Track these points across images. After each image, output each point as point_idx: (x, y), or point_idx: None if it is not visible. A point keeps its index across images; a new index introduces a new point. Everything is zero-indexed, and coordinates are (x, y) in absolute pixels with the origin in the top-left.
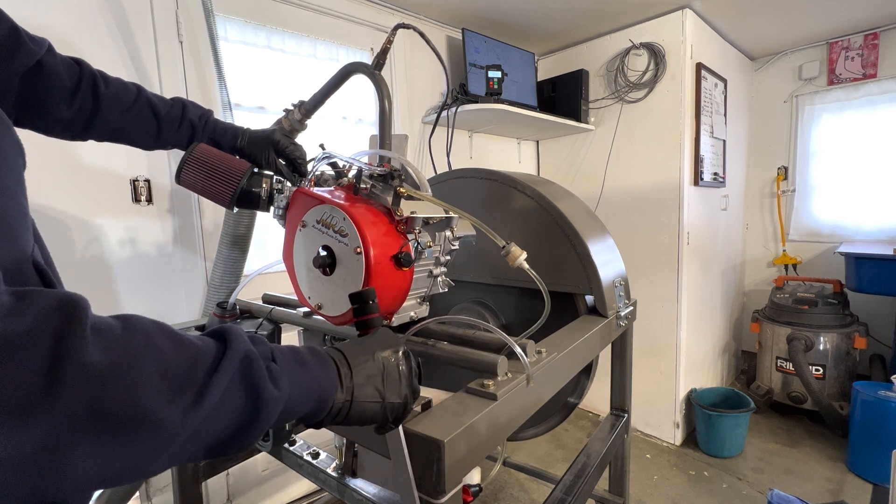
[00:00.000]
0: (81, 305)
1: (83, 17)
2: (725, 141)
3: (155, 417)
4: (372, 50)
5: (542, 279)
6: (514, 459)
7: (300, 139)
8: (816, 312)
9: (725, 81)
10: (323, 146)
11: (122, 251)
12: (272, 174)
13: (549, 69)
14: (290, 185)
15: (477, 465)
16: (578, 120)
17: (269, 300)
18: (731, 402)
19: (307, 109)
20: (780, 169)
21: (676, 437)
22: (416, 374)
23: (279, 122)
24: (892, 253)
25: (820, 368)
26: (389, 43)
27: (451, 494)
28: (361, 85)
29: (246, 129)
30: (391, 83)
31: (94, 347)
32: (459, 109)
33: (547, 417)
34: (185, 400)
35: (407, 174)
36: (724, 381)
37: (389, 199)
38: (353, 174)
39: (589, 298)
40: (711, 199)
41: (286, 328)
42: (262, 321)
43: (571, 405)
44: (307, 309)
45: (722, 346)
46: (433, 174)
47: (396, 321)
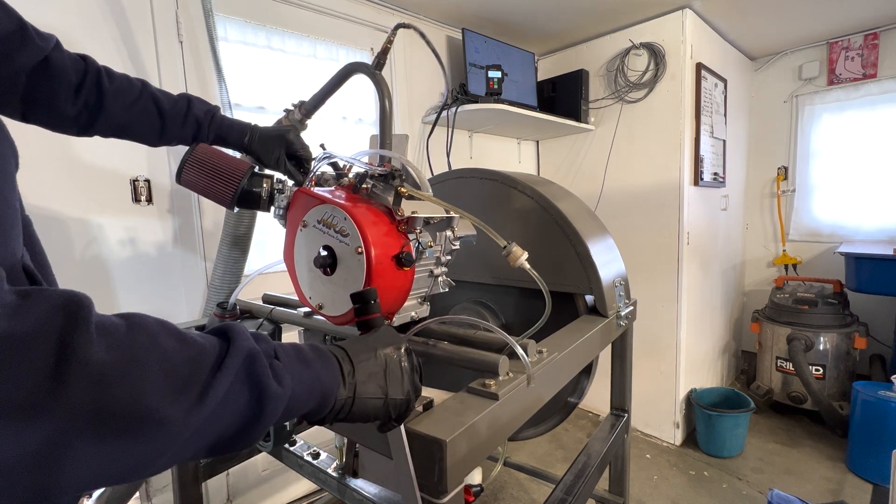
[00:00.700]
0: (85, 304)
1: (83, 17)
2: (725, 141)
3: (159, 416)
4: (372, 50)
5: (542, 279)
6: (514, 459)
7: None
8: (816, 312)
9: (725, 81)
10: (324, 146)
11: (121, 251)
12: (273, 174)
13: (549, 69)
14: (291, 184)
15: (478, 464)
16: (578, 120)
17: (269, 300)
18: (731, 402)
19: (307, 109)
20: (780, 169)
21: (676, 437)
22: (418, 371)
23: (279, 121)
24: (892, 253)
25: (820, 368)
26: (390, 43)
27: (452, 494)
28: (361, 85)
29: (254, 125)
30: (391, 83)
31: (98, 346)
32: (459, 109)
33: (547, 417)
34: (188, 398)
35: (407, 174)
36: (724, 381)
37: (390, 199)
38: (353, 174)
39: (589, 298)
40: (711, 199)
41: (286, 328)
42: (262, 321)
43: (571, 405)
44: (308, 309)
45: (722, 346)
46: (430, 174)
47: (397, 321)
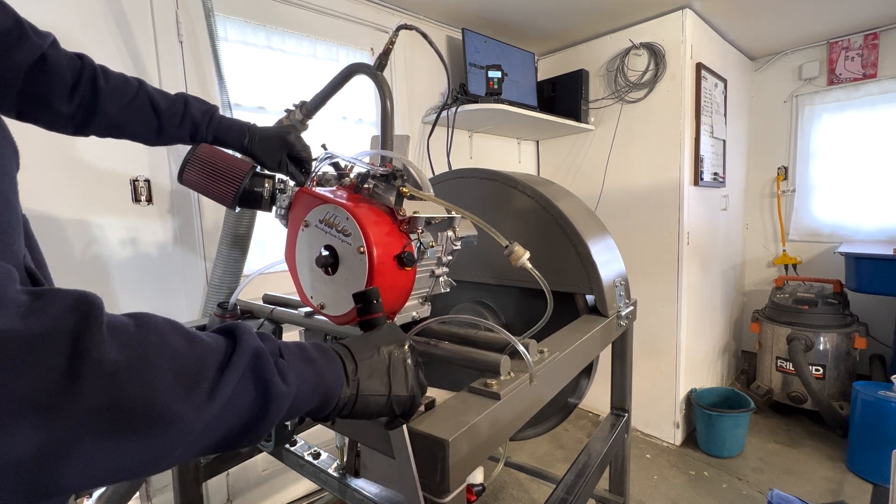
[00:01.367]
0: (97, 304)
1: (83, 16)
2: (725, 141)
3: (170, 413)
4: (372, 50)
5: (544, 279)
6: (514, 459)
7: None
8: (816, 312)
9: (725, 81)
10: (325, 146)
11: (122, 251)
12: (274, 174)
13: (549, 69)
14: (292, 184)
15: (480, 464)
16: (578, 120)
17: (269, 300)
18: (731, 402)
19: (308, 110)
20: (780, 169)
21: (676, 437)
22: (422, 368)
23: (280, 121)
24: (892, 253)
25: (820, 368)
26: (392, 44)
27: (454, 494)
28: (362, 85)
29: (253, 126)
30: (391, 83)
31: (110, 345)
32: (459, 109)
33: (547, 417)
34: (198, 395)
35: (409, 174)
36: (724, 381)
37: (392, 198)
38: (355, 174)
39: (589, 298)
40: (711, 199)
41: (287, 328)
42: (263, 321)
43: (572, 405)
44: (309, 309)
45: (722, 346)
46: (431, 174)
47: (399, 321)
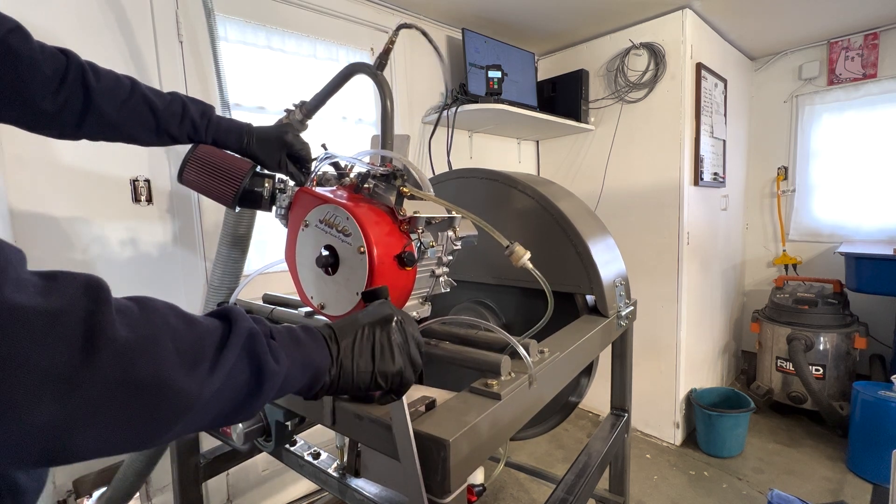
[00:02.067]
0: (105, 287)
1: (83, 16)
2: (725, 141)
3: (176, 387)
4: (372, 50)
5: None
6: (514, 459)
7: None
8: (816, 312)
9: (725, 81)
10: (325, 146)
11: (122, 251)
12: (274, 174)
13: (549, 69)
14: (292, 184)
15: (481, 464)
16: (578, 120)
17: (269, 300)
18: (731, 402)
19: (308, 109)
20: (780, 169)
21: (676, 437)
22: (417, 343)
23: (280, 121)
24: (892, 253)
25: (820, 368)
26: (392, 43)
27: (455, 494)
28: (361, 85)
29: (251, 126)
30: (391, 83)
31: (120, 325)
32: (459, 109)
33: (547, 417)
34: (200, 372)
35: (409, 174)
36: (724, 381)
37: (392, 198)
38: (355, 174)
39: (589, 298)
40: (711, 199)
41: None
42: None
43: (572, 405)
44: (309, 309)
45: (722, 346)
46: (432, 174)
47: None
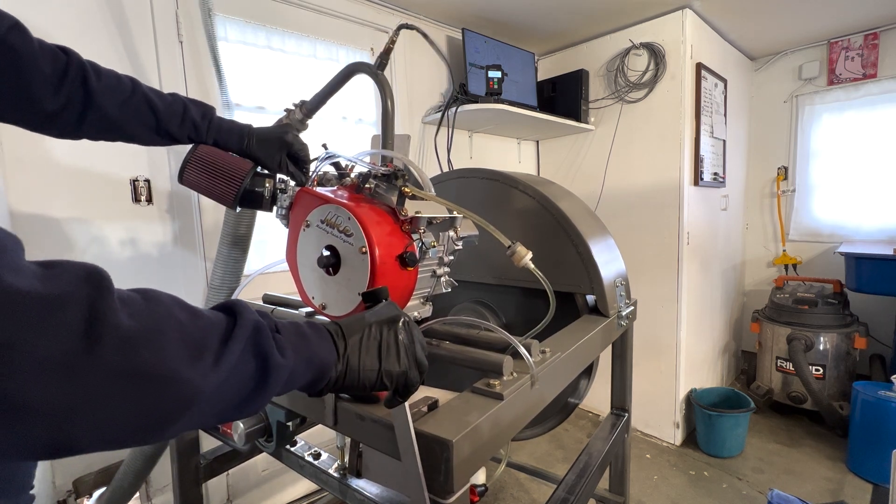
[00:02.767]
0: (106, 276)
1: (82, 16)
2: (725, 141)
3: (180, 378)
4: (372, 50)
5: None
6: (514, 459)
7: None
8: (816, 312)
9: (725, 81)
10: (326, 146)
11: (122, 251)
12: (275, 175)
13: (549, 69)
14: (293, 184)
15: (483, 464)
16: (578, 120)
17: (269, 300)
18: (731, 402)
19: (309, 109)
20: (780, 169)
21: (676, 437)
22: (422, 346)
23: (280, 121)
24: (892, 253)
25: (820, 368)
26: (392, 43)
27: (458, 494)
28: (362, 85)
29: (251, 127)
30: (391, 83)
31: (123, 314)
32: (459, 109)
33: (548, 417)
34: (204, 364)
35: (410, 174)
36: (724, 381)
37: (394, 198)
38: (355, 174)
39: (590, 298)
40: (711, 199)
41: None
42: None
43: (572, 405)
44: (310, 309)
45: (722, 346)
46: (440, 172)
47: None
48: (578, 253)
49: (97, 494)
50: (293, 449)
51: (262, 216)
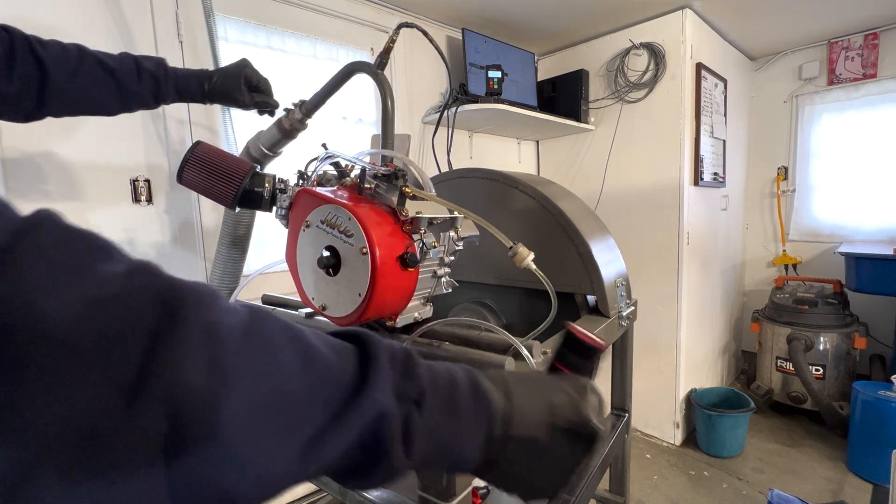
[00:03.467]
0: (190, 299)
1: (82, 16)
2: (725, 141)
3: (248, 470)
4: (372, 50)
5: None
6: None
7: (300, 139)
8: (816, 312)
9: (725, 81)
10: (325, 146)
11: None
12: (274, 174)
13: (549, 69)
14: (293, 184)
15: None
16: (578, 120)
17: (268, 300)
18: (731, 402)
19: (308, 109)
20: (780, 169)
21: (676, 437)
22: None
23: (279, 121)
24: (892, 253)
25: (820, 368)
26: (392, 42)
27: (461, 497)
28: (362, 85)
29: (208, 71)
30: (391, 83)
31: (194, 359)
32: (459, 109)
33: None
34: (285, 446)
35: (410, 174)
36: (724, 381)
37: (394, 199)
38: (355, 174)
39: (590, 298)
40: (711, 199)
41: None
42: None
43: None
44: (310, 310)
45: (722, 346)
46: (438, 172)
47: (401, 322)
48: (579, 253)
49: None
50: None
51: (261, 216)
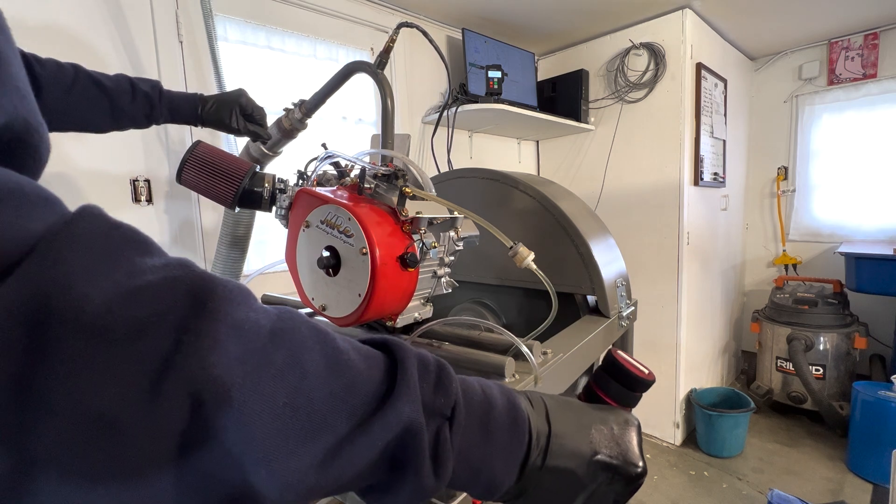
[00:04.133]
0: (219, 293)
1: (82, 16)
2: (725, 141)
3: (266, 469)
4: (372, 50)
5: (549, 280)
6: None
7: (300, 139)
8: (816, 312)
9: (725, 81)
10: (325, 145)
11: None
12: (274, 174)
13: (549, 69)
14: (292, 184)
15: None
16: (578, 120)
17: (268, 300)
18: (731, 402)
19: (308, 108)
20: (780, 169)
21: (676, 437)
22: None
23: (279, 120)
24: (892, 253)
25: (820, 368)
26: (392, 42)
27: (461, 498)
28: (362, 85)
29: (203, 96)
30: (391, 83)
31: (219, 353)
32: (459, 109)
33: None
34: (307, 455)
35: (410, 174)
36: (724, 381)
37: (394, 199)
38: (355, 174)
39: (590, 298)
40: (711, 199)
41: None
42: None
43: None
44: (310, 310)
45: (722, 346)
46: (437, 173)
47: (401, 323)
48: (579, 253)
49: None
50: None
51: (261, 216)
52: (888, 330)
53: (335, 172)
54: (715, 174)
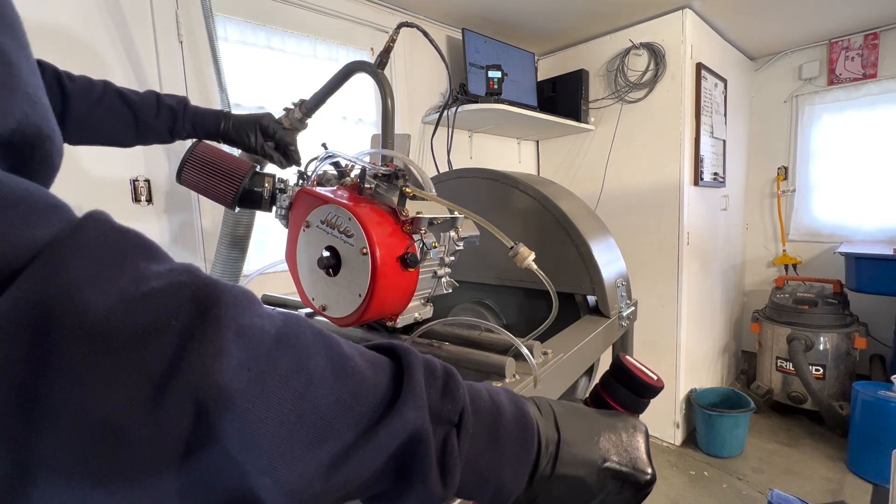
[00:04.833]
0: (225, 300)
1: (82, 17)
2: (725, 141)
3: (267, 478)
4: (372, 50)
5: (549, 280)
6: None
7: (300, 139)
8: (816, 312)
9: (725, 81)
10: (325, 145)
11: None
12: (274, 174)
13: (549, 69)
14: (293, 184)
15: None
16: (578, 120)
17: (268, 301)
18: (731, 402)
19: (308, 108)
20: (780, 169)
21: (676, 437)
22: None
23: (279, 120)
24: (892, 253)
25: (820, 368)
26: (392, 41)
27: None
28: (362, 85)
29: (227, 112)
30: (391, 83)
31: (223, 359)
32: (459, 109)
33: None
34: (312, 461)
35: (411, 174)
36: (724, 381)
37: (394, 198)
38: (355, 174)
39: (590, 298)
40: (711, 199)
41: None
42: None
43: None
44: (310, 310)
45: (722, 346)
46: (436, 173)
47: (401, 323)
48: (579, 253)
49: None
50: None
51: (261, 216)
52: (888, 330)
53: (335, 172)
54: (715, 174)
